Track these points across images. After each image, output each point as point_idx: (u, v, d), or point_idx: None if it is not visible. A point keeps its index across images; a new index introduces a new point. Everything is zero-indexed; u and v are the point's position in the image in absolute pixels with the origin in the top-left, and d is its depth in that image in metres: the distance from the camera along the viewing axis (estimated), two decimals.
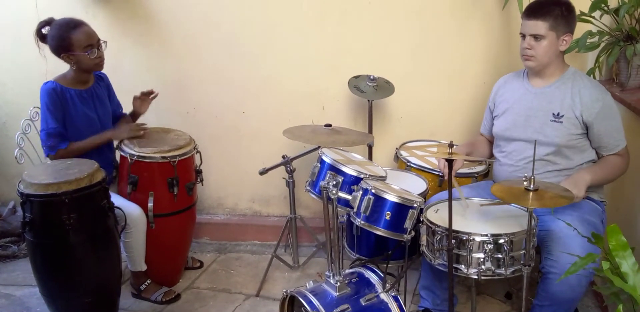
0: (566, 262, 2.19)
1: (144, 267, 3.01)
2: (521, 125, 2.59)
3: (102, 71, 3.00)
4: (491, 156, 2.83)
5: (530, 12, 2.46)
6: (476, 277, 2.22)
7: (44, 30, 2.82)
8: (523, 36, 2.50)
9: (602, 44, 2.86)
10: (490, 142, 2.89)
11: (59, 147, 2.79)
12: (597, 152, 2.57)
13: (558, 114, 2.49)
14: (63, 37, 2.75)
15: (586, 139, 2.51)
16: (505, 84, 2.75)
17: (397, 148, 3.22)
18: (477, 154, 2.85)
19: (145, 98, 3.13)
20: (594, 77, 2.92)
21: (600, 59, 2.88)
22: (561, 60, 2.54)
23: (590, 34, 2.81)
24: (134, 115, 3.18)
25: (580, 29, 2.81)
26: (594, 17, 2.81)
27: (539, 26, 2.42)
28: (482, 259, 2.20)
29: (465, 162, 3.03)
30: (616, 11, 2.74)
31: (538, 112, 2.55)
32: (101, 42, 2.84)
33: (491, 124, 2.81)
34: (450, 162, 2.15)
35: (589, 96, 2.45)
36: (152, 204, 2.92)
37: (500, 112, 2.71)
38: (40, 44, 2.84)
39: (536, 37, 2.44)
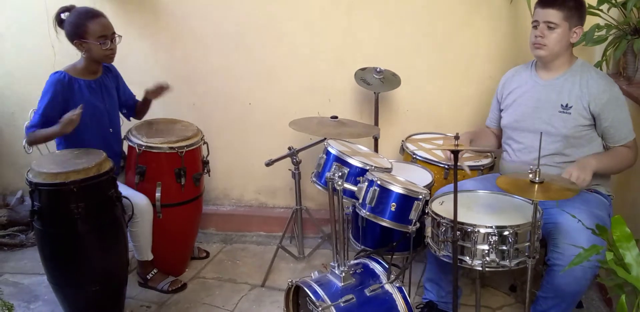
0: (572, 255, 2.19)
1: (150, 257, 3.04)
2: (529, 116, 2.60)
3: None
4: (496, 146, 2.84)
5: (546, 2, 2.46)
6: (480, 268, 2.22)
7: (63, 16, 2.84)
8: (535, 26, 2.50)
9: (610, 38, 2.85)
10: (495, 134, 2.89)
11: (30, 130, 2.78)
12: (604, 145, 2.57)
13: (566, 105, 2.50)
14: (79, 24, 2.78)
15: (594, 130, 2.52)
16: (513, 76, 2.75)
17: (402, 140, 3.23)
18: (480, 142, 2.83)
19: (159, 91, 3.09)
20: (601, 71, 2.92)
21: (607, 52, 2.88)
22: (570, 52, 2.55)
23: (597, 27, 2.81)
24: (145, 102, 3.15)
25: (588, 22, 2.79)
26: (601, 11, 2.80)
27: (554, 15, 2.43)
28: (486, 251, 2.20)
29: (471, 154, 3.05)
30: (624, 5, 2.73)
31: (547, 104, 2.55)
32: (116, 35, 2.86)
33: (498, 116, 2.81)
34: (455, 153, 2.16)
35: (597, 87, 2.46)
36: (159, 194, 2.94)
37: (509, 104, 2.71)
38: (58, 30, 2.86)
39: (550, 26, 2.44)
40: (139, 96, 3.17)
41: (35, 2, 3.51)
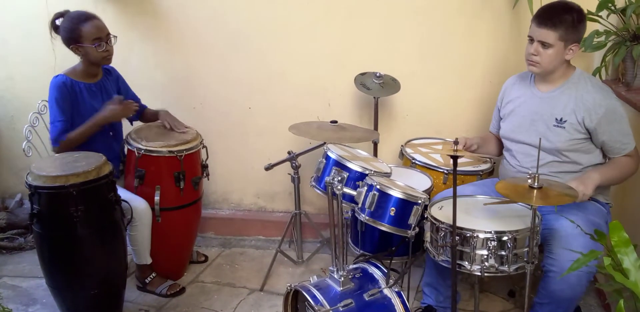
0: (566, 261, 2.20)
1: (149, 261, 3.03)
2: (526, 129, 2.59)
3: (111, 65, 3.02)
4: (499, 153, 2.84)
5: (541, 20, 2.40)
6: (479, 274, 2.23)
7: (58, 22, 2.86)
8: (531, 40, 2.46)
9: (609, 44, 2.85)
10: (499, 140, 2.88)
11: (60, 139, 2.82)
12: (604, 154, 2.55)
13: (561, 119, 2.48)
14: (73, 28, 2.80)
15: (590, 142, 2.49)
16: (513, 84, 2.73)
17: (402, 145, 3.23)
18: (485, 149, 2.83)
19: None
20: (600, 77, 2.92)
21: (606, 58, 2.88)
22: (567, 65, 2.51)
23: (597, 33, 2.81)
24: (153, 117, 3.19)
25: (587, 28, 2.80)
26: (600, 17, 2.81)
27: (549, 35, 2.37)
28: (485, 256, 2.20)
29: (470, 158, 3.05)
30: (623, 11, 2.74)
31: (543, 117, 2.53)
32: (111, 36, 2.87)
33: (499, 123, 2.80)
34: (455, 159, 2.16)
35: (592, 101, 2.42)
36: (158, 197, 2.94)
37: (507, 113, 2.71)
38: (53, 35, 2.89)
39: (544, 44, 2.40)
40: (144, 100, 3.20)
41: (38, 6, 3.52)
